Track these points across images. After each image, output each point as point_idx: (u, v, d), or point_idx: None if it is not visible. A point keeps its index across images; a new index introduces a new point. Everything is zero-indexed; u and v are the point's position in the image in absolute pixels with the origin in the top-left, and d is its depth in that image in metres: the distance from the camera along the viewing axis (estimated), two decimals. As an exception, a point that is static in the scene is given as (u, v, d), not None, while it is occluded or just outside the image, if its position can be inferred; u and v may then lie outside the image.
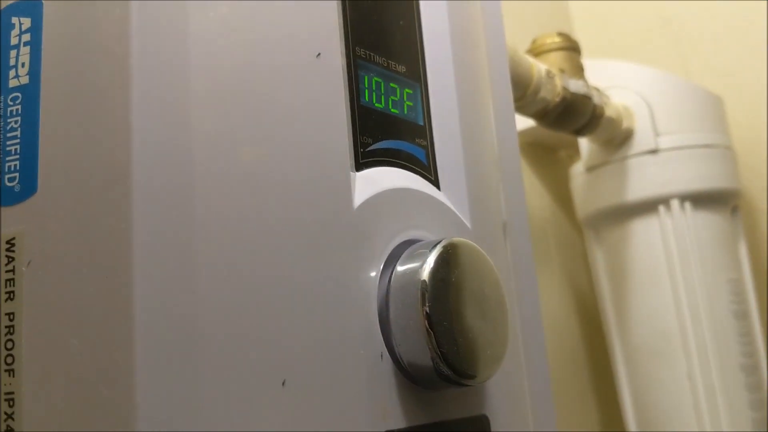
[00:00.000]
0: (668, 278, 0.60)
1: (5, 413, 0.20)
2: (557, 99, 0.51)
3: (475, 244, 0.26)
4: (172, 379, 0.19)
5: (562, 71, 0.52)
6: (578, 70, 0.55)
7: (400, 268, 0.24)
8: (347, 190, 0.24)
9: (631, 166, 0.62)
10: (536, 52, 0.55)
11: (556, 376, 0.33)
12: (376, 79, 0.27)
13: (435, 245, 0.24)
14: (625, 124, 0.60)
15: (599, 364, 0.68)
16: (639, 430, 0.63)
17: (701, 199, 0.61)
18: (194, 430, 0.19)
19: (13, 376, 0.20)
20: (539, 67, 0.49)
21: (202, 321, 0.20)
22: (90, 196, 0.20)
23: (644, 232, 0.62)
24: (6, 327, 0.20)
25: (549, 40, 0.55)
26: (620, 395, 0.64)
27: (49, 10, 0.22)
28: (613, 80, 0.62)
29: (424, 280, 0.24)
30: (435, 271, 0.24)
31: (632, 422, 0.63)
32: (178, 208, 0.20)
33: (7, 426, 0.20)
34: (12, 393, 0.20)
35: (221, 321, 0.20)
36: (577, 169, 0.66)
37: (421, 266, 0.24)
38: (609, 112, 0.58)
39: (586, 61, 0.58)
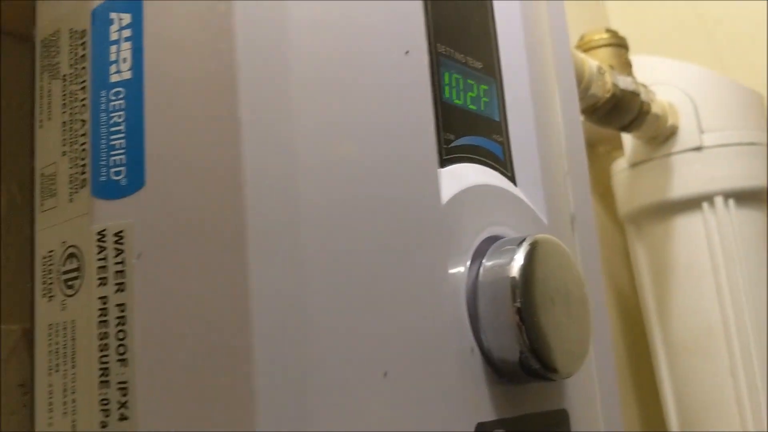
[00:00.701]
0: (712, 275, 0.60)
1: (118, 402, 0.20)
2: (607, 95, 0.51)
3: (558, 240, 0.26)
4: (287, 367, 0.19)
5: (611, 67, 0.52)
6: (626, 67, 0.55)
7: (488, 264, 0.25)
8: (436, 187, 0.24)
9: (675, 163, 0.61)
10: (584, 48, 0.55)
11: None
12: (455, 75, 0.28)
13: (521, 242, 0.25)
14: (670, 121, 0.60)
15: (639, 361, 0.68)
16: (680, 427, 0.62)
17: (745, 197, 0.61)
18: (308, 416, 0.19)
19: (126, 366, 0.20)
20: (590, 63, 0.49)
21: (312, 313, 0.20)
22: (201, 190, 0.20)
23: (688, 228, 0.62)
24: (117, 318, 0.21)
25: (597, 37, 0.55)
26: (661, 391, 0.64)
27: (149, 5, 0.22)
28: (659, 77, 0.62)
29: (514, 277, 0.24)
30: (524, 268, 0.24)
31: (674, 418, 0.63)
32: (286, 205, 0.20)
33: (121, 414, 0.20)
34: (125, 382, 0.20)
35: (329, 314, 0.20)
36: (620, 165, 0.66)
37: (510, 263, 0.24)
38: (655, 108, 0.57)
39: (632, 58, 0.58)
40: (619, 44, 0.55)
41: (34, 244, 0.24)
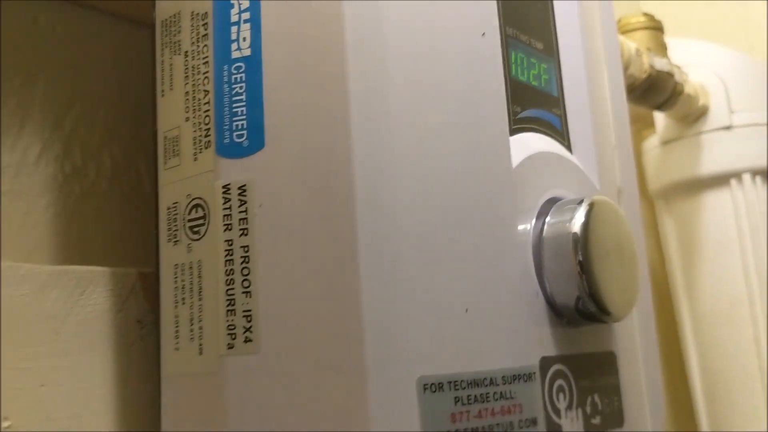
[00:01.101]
0: (738, 248, 0.63)
1: (243, 327, 0.24)
2: (644, 76, 0.54)
3: (612, 202, 0.29)
4: (389, 300, 0.23)
5: (648, 50, 0.55)
6: (662, 49, 0.58)
7: (551, 221, 0.28)
8: (508, 153, 0.28)
9: (705, 141, 0.64)
10: (622, 30, 0.58)
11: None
12: (520, 54, 0.31)
13: (581, 202, 0.28)
14: (701, 101, 0.63)
15: (666, 330, 0.71)
16: (704, 393, 0.66)
17: (773, 175, 0.64)
18: (406, 339, 0.23)
19: (250, 297, 0.24)
20: (629, 45, 0.52)
21: (408, 258, 0.24)
22: (314, 152, 0.24)
23: (716, 204, 0.65)
24: (241, 257, 0.25)
25: (634, 20, 0.58)
26: (686, 359, 0.67)
27: (264, -8, 0.26)
28: (692, 59, 0.65)
29: (576, 232, 0.27)
30: (585, 225, 0.27)
31: (698, 385, 0.66)
32: (386, 167, 0.24)
33: (246, 337, 0.24)
34: (250, 311, 0.24)
35: (422, 259, 0.24)
36: (651, 143, 0.69)
37: (571, 220, 0.28)
38: (688, 89, 0.60)
39: (667, 40, 0.61)
40: (656, 27, 0.58)
41: (156, 197, 0.28)
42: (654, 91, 0.57)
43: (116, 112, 0.35)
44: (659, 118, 0.68)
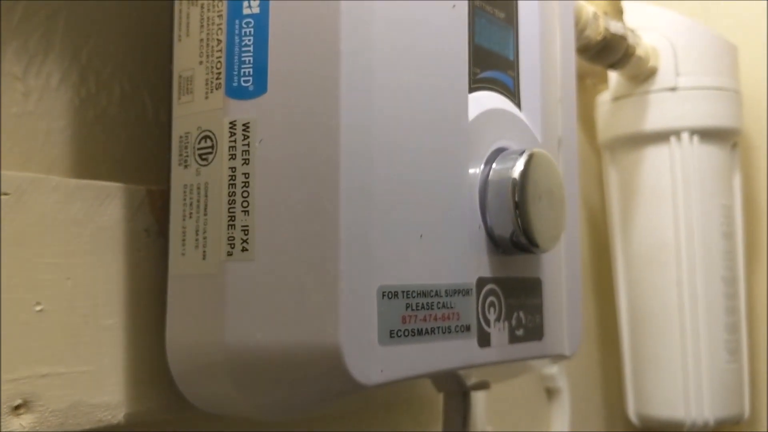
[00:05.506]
0: (671, 199, 0.70)
1: (241, 239, 0.30)
2: (599, 38, 0.59)
3: (548, 154, 0.35)
4: (362, 223, 0.29)
5: (605, 13, 0.61)
6: (618, 13, 0.63)
7: (496, 167, 0.34)
8: (465, 108, 0.34)
9: (651, 100, 0.71)
10: (584, -7, 0.63)
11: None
12: (484, 23, 0.36)
13: (522, 153, 0.34)
14: (651, 63, 0.69)
15: (601, 269, 0.79)
16: (629, 326, 0.74)
17: (708, 134, 0.71)
18: (373, 255, 0.29)
19: (248, 215, 0.30)
20: (588, 9, 0.58)
21: (377, 194, 0.29)
22: (308, 98, 0.29)
23: (655, 158, 0.72)
24: (242, 182, 0.30)
25: (596, -16, 0.63)
26: (617, 295, 0.75)
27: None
28: (646, 22, 0.70)
29: (515, 178, 0.33)
30: (522, 172, 0.33)
31: (625, 318, 0.74)
32: (366, 112, 0.29)
33: (243, 247, 0.30)
34: (247, 226, 0.30)
35: (388, 195, 0.30)
36: (604, 98, 0.75)
37: (512, 167, 0.34)
38: (639, 51, 0.66)
39: (624, 4, 0.66)
40: (615, -8, 0.63)
41: (163, 126, 0.33)
42: (607, 52, 0.62)
43: (125, 48, 0.39)
44: (612, 75, 0.73)
